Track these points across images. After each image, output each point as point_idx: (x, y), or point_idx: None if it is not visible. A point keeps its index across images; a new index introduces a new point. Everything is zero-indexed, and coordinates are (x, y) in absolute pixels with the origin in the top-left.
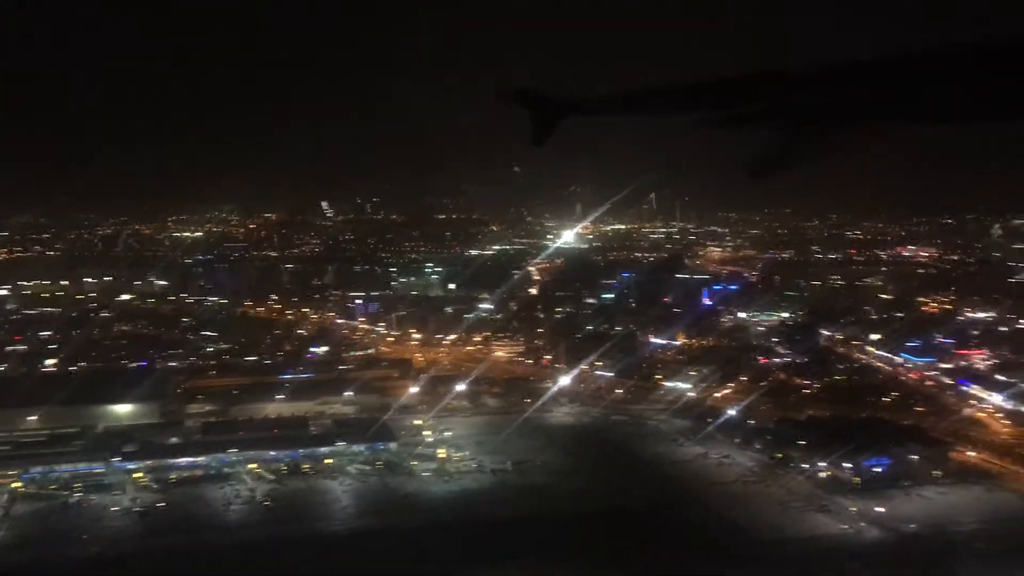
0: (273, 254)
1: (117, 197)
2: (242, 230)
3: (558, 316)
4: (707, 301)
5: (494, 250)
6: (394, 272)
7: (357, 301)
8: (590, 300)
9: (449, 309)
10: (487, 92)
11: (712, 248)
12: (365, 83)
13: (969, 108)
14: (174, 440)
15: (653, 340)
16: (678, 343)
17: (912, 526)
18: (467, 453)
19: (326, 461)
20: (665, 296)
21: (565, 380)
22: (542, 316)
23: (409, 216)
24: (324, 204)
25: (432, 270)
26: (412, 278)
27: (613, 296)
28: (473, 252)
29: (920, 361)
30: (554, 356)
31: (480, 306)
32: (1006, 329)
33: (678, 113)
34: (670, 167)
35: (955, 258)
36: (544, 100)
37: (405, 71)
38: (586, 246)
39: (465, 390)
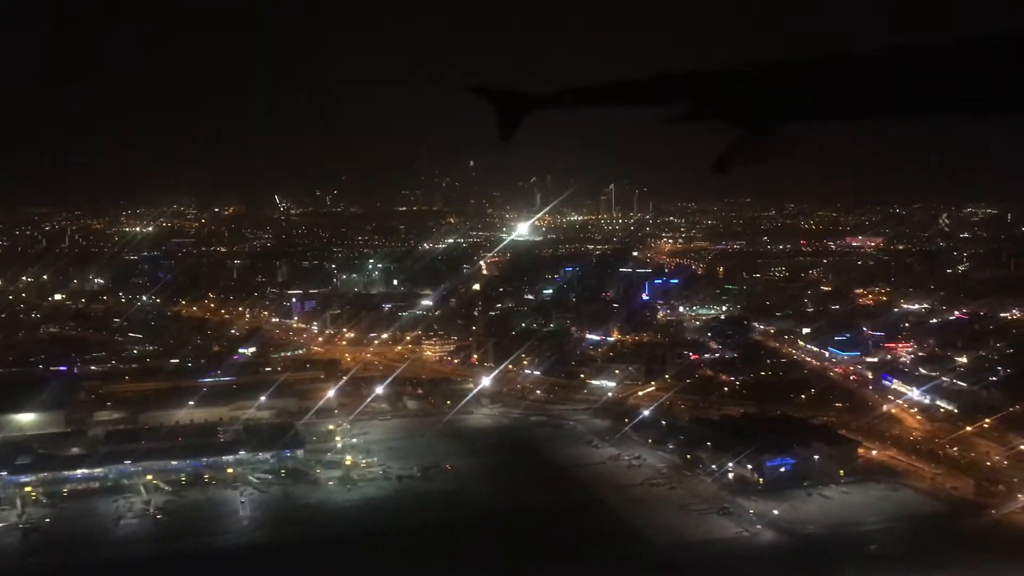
0: (222, 249)
1: (75, 192)
2: (195, 225)
3: (491, 314)
4: (646, 296)
5: (447, 244)
6: (335, 268)
7: (293, 300)
8: (529, 296)
9: (388, 306)
10: (451, 86)
11: (665, 240)
12: (329, 76)
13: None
14: (75, 451)
15: (588, 336)
16: (612, 339)
17: (809, 527)
18: (376, 459)
19: (228, 471)
20: (606, 291)
21: (490, 380)
22: (476, 313)
23: (368, 209)
24: (277, 197)
25: (375, 266)
26: (354, 275)
27: (553, 292)
28: (426, 246)
29: (846, 355)
30: (481, 355)
31: (422, 303)
32: (937, 321)
33: (640, 107)
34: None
35: (900, 248)
36: (508, 95)
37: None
38: (540, 239)
39: (386, 392)
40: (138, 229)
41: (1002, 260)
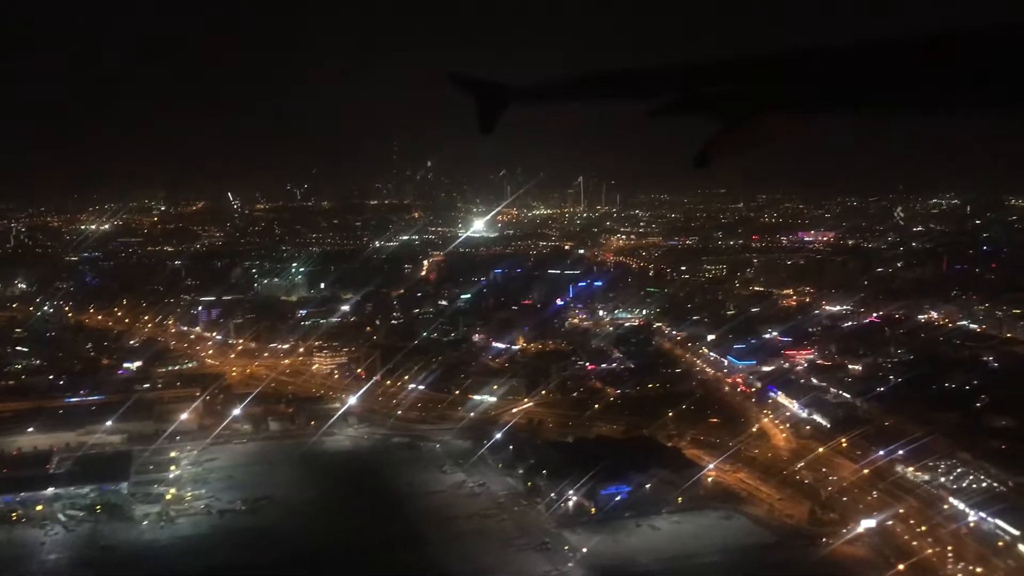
0: (168, 249)
1: (44, 187)
2: (152, 221)
3: (394, 322)
4: (562, 301)
5: (400, 241)
6: (255, 272)
7: (199, 307)
8: (443, 302)
9: (303, 312)
10: (430, 76)
11: (619, 236)
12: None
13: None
14: None
15: (493, 345)
16: (516, 348)
17: (621, 562)
18: (205, 491)
19: (37, 507)
20: (528, 295)
21: (366, 396)
22: (378, 322)
23: (338, 203)
24: (230, 195)
25: (297, 269)
26: (276, 278)
27: (472, 296)
28: (377, 244)
29: (741, 364)
30: (368, 368)
31: (341, 308)
32: (849, 324)
33: (620, 101)
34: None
35: (849, 243)
36: (487, 87)
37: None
38: (495, 235)
39: (253, 411)
40: (93, 227)
41: (935, 257)
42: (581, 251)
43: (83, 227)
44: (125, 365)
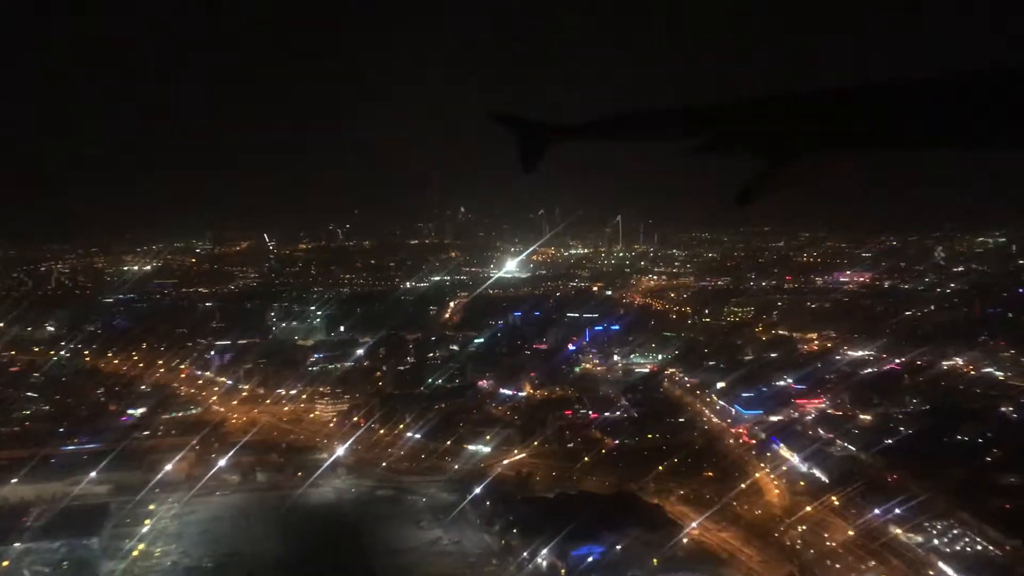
0: (203, 290)
1: (95, 226)
2: (191, 262)
3: (400, 368)
4: (573, 346)
5: (431, 281)
6: (273, 315)
7: (212, 352)
8: (453, 347)
9: (317, 356)
10: (472, 114)
11: (648, 277)
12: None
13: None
14: None
15: (501, 391)
16: (522, 394)
17: None
18: (174, 546)
19: (4, 563)
20: (543, 339)
21: (357, 446)
22: (384, 368)
23: (378, 242)
24: (266, 236)
25: (315, 312)
26: (294, 322)
27: (484, 340)
28: (407, 285)
29: (747, 414)
30: (366, 416)
31: (356, 352)
32: (869, 371)
33: (667, 140)
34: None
35: (886, 284)
36: (529, 125)
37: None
38: (527, 275)
39: (243, 461)
40: (136, 268)
41: (968, 300)
42: (608, 292)
43: (125, 268)
44: (129, 412)
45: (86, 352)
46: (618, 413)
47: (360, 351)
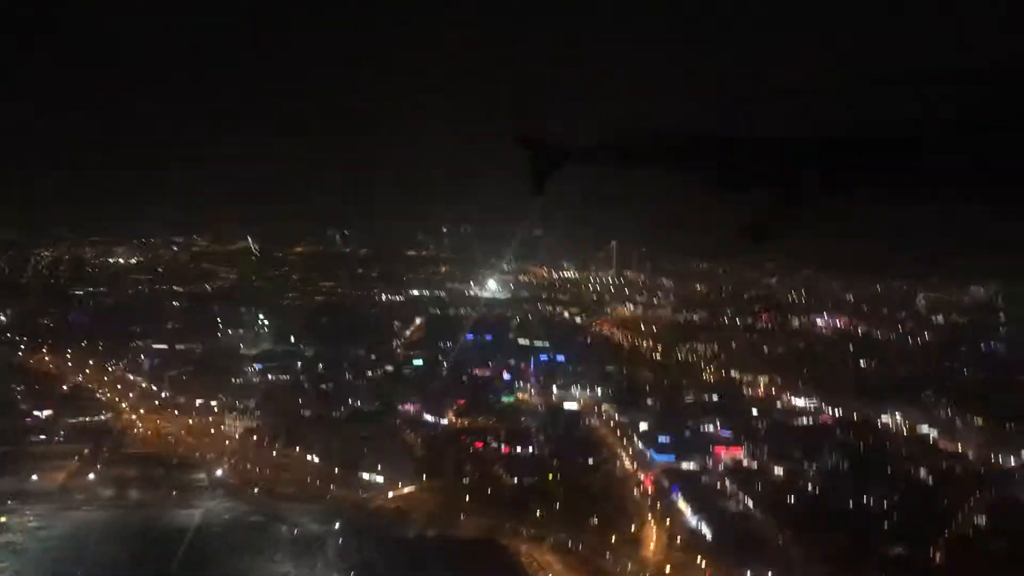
0: (178, 289)
1: (94, 214)
2: (182, 258)
3: (323, 387)
4: (507, 375)
5: (404, 296)
6: (219, 320)
7: (142, 356)
8: (388, 367)
9: (256, 367)
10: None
11: (625, 306)
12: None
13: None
14: None
15: (424, 417)
16: (444, 422)
17: None
18: (7, 564)
19: None
20: (486, 364)
21: (248, 466)
22: (306, 386)
23: (377, 251)
24: (249, 239)
25: (265, 320)
26: (240, 329)
27: (422, 363)
28: (384, 297)
29: (660, 458)
30: (271, 434)
31: (297, 365)
32: (802, 422)
33: (672, 168)
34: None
35: (860, 331)
36: (549, 148)
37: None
38: (507, 296)
39: (122, 475)
40: (122, 260)
41: (928, 353)
42: (578, 319)
43: (111, 260)
44: (35, 413)
45: (22, 346)
46: (530, 449)
47: (300, 364)
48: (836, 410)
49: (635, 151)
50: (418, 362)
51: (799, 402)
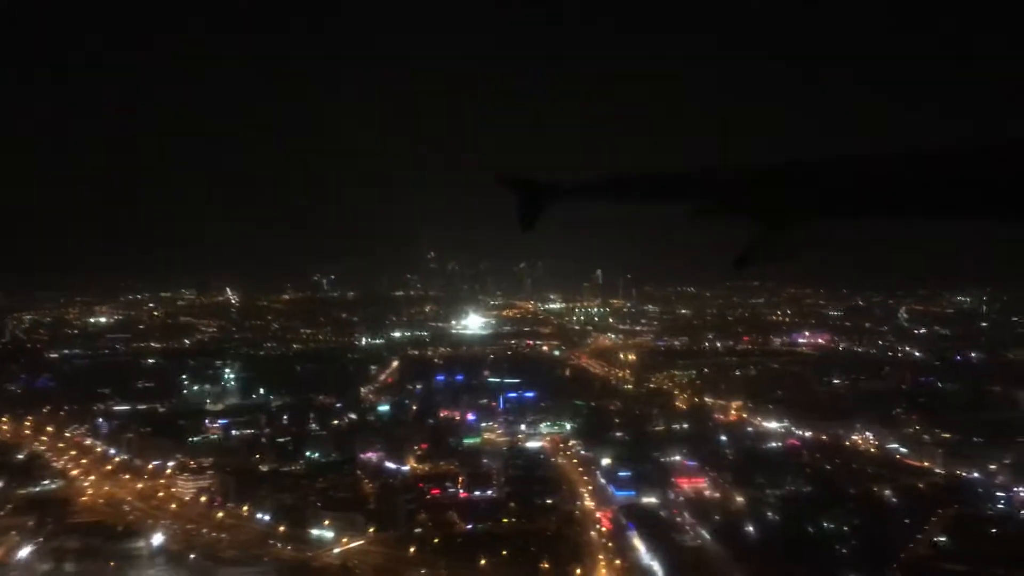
0: (155, 346)
1: (79, 277)
2: (157, 314)
3: (280, 440)
4: (471, 415)
5: (384, 339)
6: (183, 378)
7: (99, 419)
8: (352, 415)
9: (219, 423)
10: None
11: (606, 336)
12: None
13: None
14: None
15: (386, 465)
16: (406, 469)
17: None
18: None
19: None
20: (455, 406)
21: (196, 529)
22: (263, 440)
23: (363, 294)
24: (229, 289)
25: (228, 375)
26: (207, 385)
27: (389, 408)
28: (363, 340)
29: (620, 494)
30: (223, 494)
31: (263, 420)
32: (772, 446)
33: (664, 203)
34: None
35: (840, 348)
36: (531, 185)
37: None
38: (487, 332)
39: (59, 547)
40: (103, 319)
41: (901, 367)
42: (557, 352)
43: (91, 320)
44: None
45: None
46: (489, 492)
47: (264, 418)
48: (805, 432)
49: (619, 186)
50: (384, 408)
51: (770, 425)
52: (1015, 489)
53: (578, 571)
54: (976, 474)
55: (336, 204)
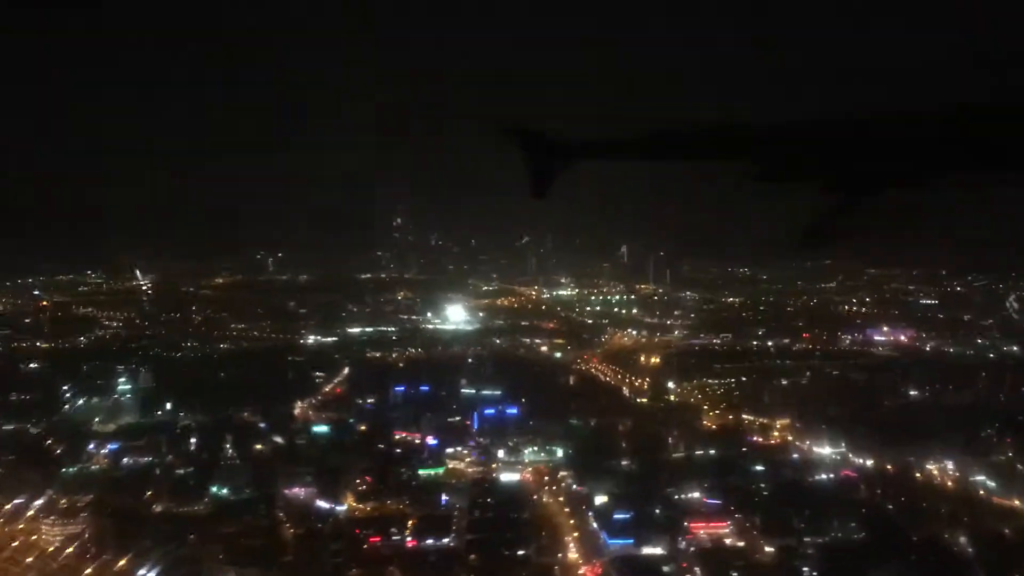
0: (41, 345)
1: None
2: (43, 304)
3: (180, 472)
4: (432, 440)
5: (339, 337)
6: (67, 392)
7: None
8: (279, 440)
9: (108, 448)
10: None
11: (627, 332)
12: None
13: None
14: None
15: (319, 504)
16: (343, 508)
17: None
18: None
19: None
20: (414, 426)
21: None
22: (159, 472)
23: (320, 276)
24: (137, 271)
25: (126, 385)
26: (96, 398)
27: (328, 430)
28: (311, 339)
29: (614, 543)
30: (97, 543)
31: (163, 443)
32: (822, 477)
33: (720, 162)
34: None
35: (927, 348)
36: (546, 142)
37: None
38: (473, 327)
39: None
40: None
41: (1000, 374)
42: (559, 354)
43: None
44: None
45: None
46: (446, 541)
47: (167, 441)
48: (865, 460)
49: (651, 143)
50: (321, 429)
51: (821, 451)
52: None
53: None
54: None
55: (288, 153)
